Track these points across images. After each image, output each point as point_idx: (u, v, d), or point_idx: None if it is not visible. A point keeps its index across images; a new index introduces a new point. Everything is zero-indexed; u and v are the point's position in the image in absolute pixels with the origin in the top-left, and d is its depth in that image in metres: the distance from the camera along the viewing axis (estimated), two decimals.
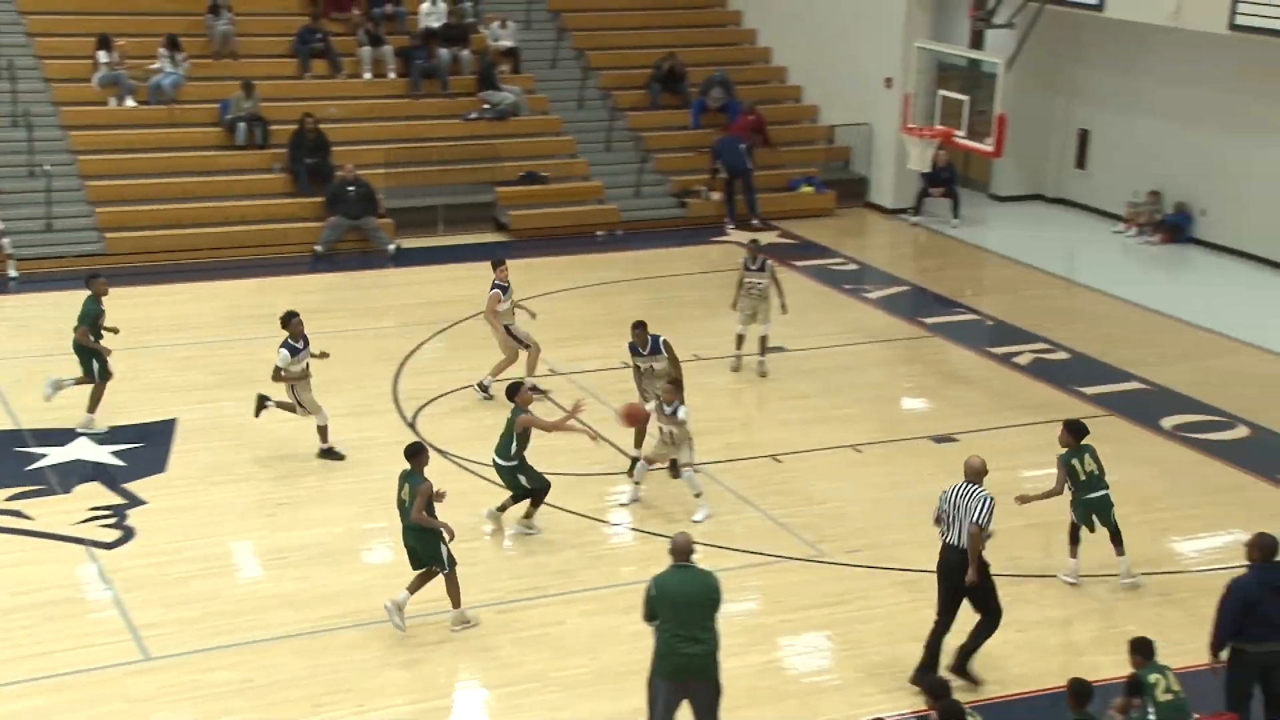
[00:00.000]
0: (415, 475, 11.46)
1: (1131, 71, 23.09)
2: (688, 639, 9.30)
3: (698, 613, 9.33)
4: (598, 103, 25.05)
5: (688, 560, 9.45)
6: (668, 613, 9.35)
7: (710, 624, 9.40)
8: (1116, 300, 19.85)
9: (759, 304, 16.69)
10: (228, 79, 23.06)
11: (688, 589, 9.35)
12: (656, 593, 9.39)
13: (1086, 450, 12.04)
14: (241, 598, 11.98)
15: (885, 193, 24.42)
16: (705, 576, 9.46)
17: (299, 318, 14.38)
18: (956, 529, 10.72)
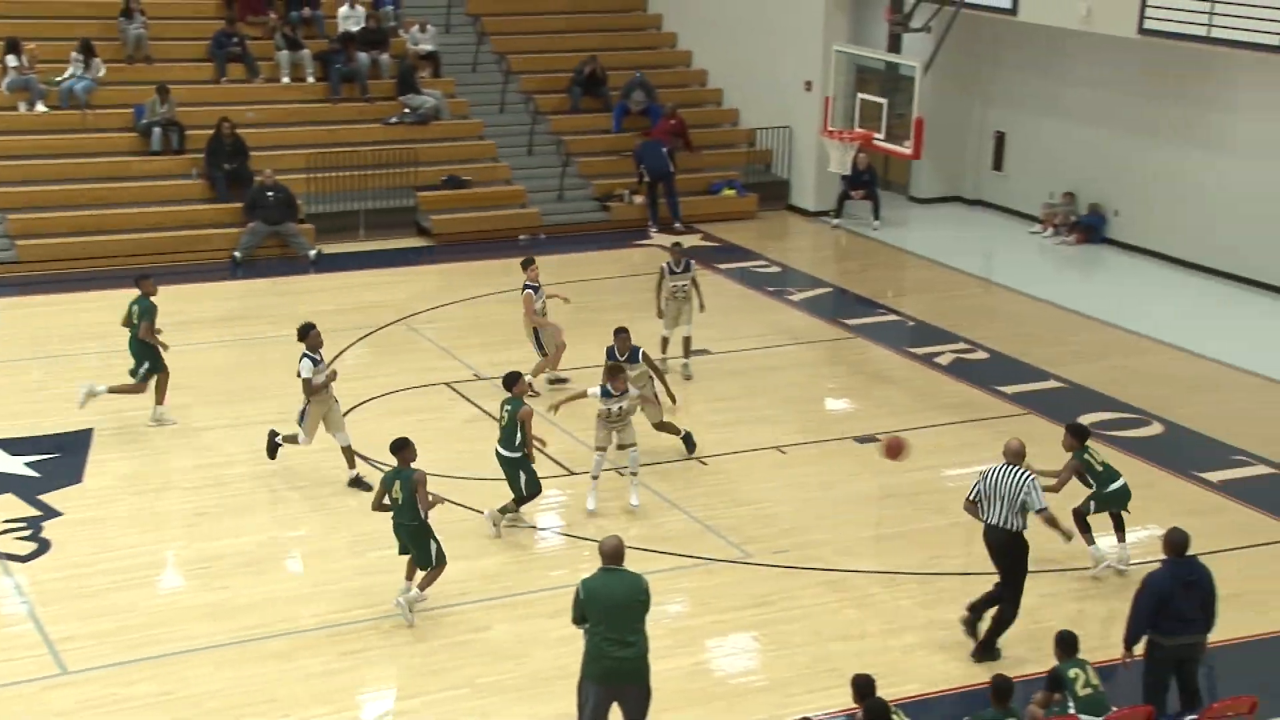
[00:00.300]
0: (405, 470, 11.42)
1: (1045, 75, 23.46)
2: (617, 642, 9.30)
3: (627, 615, 9.33)
4: (519, 106, 24.99)
5: (617, 563, 9.44)
6: (597, 616, 9.35)
7: (639, 627, 9.40)
8: (1033, 300, 20.15)
9: (683, 306, 16.74)
10: (142, 84, 22.72)
11: (616, 592, 9.35)
12: (585, 596, 9.38)
13: (1089, 450, 12.45)
14: (161, 609, 11.80)
15: (806, 195, 24.60)
16: (634, 579, 9.46)
17: (317, 328, 13.91)
18: (997, 509, 11.00)
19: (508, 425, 12.79)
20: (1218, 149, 20.84)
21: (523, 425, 12.70)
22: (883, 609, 11.98)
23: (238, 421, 15.43)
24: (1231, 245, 20.71)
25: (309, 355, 13.70)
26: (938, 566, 12.65)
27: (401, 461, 11.46)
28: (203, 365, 17.11)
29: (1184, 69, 20.73)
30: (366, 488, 13.48)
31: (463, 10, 26.46)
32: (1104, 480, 12.40)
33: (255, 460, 14.47)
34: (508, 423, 12.79)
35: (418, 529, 11.46)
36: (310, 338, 13.80)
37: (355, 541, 12.89)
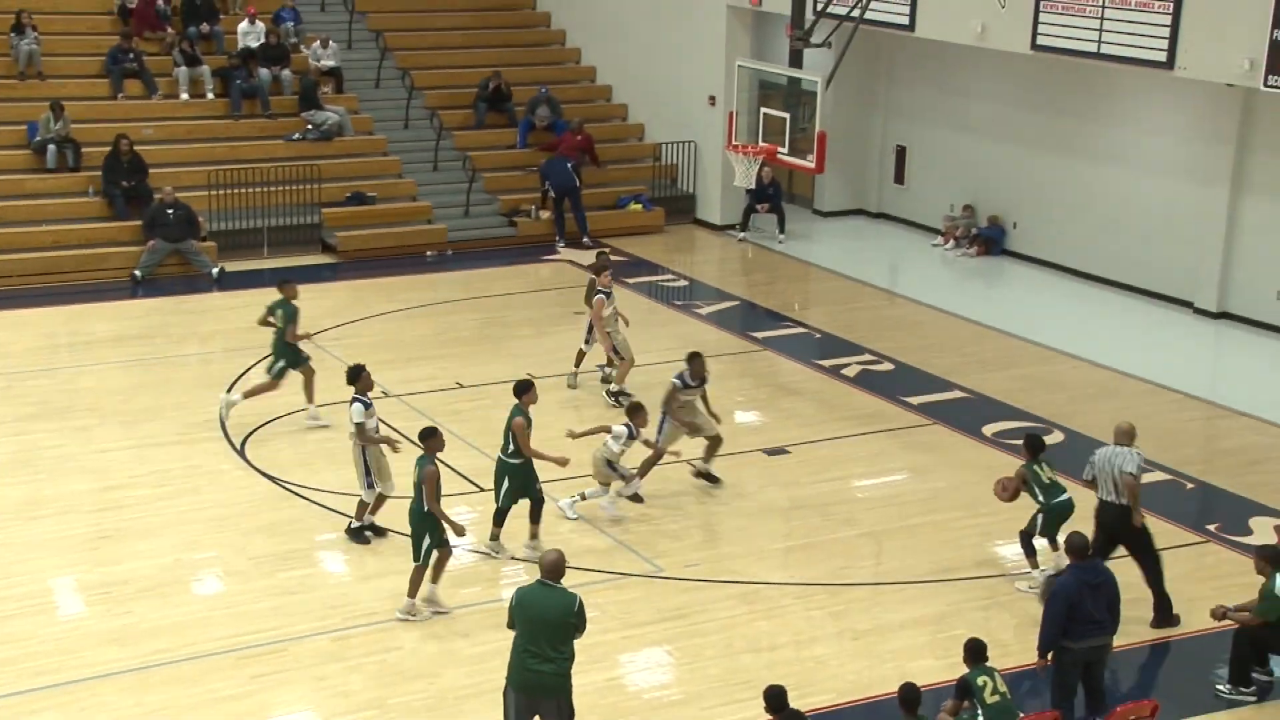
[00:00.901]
0: (421, 458, 11.64)
1: (944, 89, 23.86)
2: (538, 656, 9.32)
3: (550, 631, 9.34)
4: (423, 122, 24.88)
5: (554, 578, 9.45)
6: (522, 626, 9.39)
7: (564, 644, 9.40)
8: (937, 311, 20.45)
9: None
10: (35, 100, 22.29)
11: (544, 607, 9.37)
12: (515, 603, 9.45)
13: (1044, 462, 12.65)
14: (64, 635, 11.54)
15: (713, 209, 24.77)
16: (567, 597, 9.43)
17: (367, 371, 13.17)
18: (1109, 486, 11.89)
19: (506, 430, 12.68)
20: (1108, 162, 21.35)
21: (516, 434, 12.57)
22: (794, 620, 12.07)
23: (140, 442, 15.16)
24: (1123, 256, 21.21)
25: (359, 399, 12.89)
26: (847, 577, 12.77)
27: (427, 449, 11.71)
28: (103, 386, 16.81)
29: (1076, 84, 21.22)
30: (364, 541, 12.97)
31: (364, 26, 26.30)
32: (1050, 493, 12.53)
33: (158, 482, 14.24)
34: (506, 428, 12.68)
35: (421, 517, 11.64)
36: (361, 381, 13.01)
37: (261, 563, 12.70)
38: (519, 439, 12.59)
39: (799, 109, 18.33)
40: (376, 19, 26.44)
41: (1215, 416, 16.83)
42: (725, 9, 23.67)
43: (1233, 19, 16.57)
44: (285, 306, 15.51)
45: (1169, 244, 20.59)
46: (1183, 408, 16.99)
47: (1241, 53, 16.47)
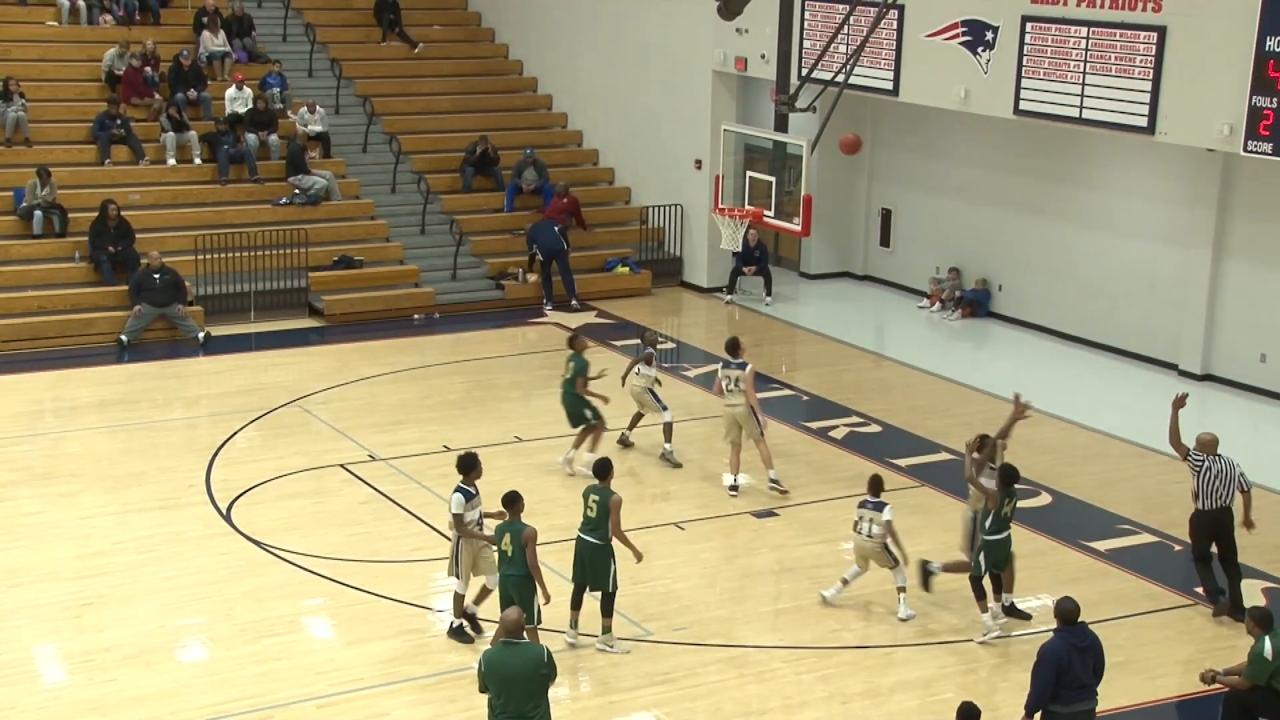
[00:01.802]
0: (516, 523, 11.55)
1: (928, 153, 24.07)
2: (515, 715, 9.30)
3: (523, 689, 9.34)
4: (411, 186, 24.99)
5: (517, 636, 9.43)
6: (495, 689, 9.36)
7: (540, 700, 9.40)
8: (923, 373, 20.49)
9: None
10: (22, 166, 22.34)
11: (514, 665, 9.34)
12: (485, 669, 9.41)
13: (1014, 495, 12.73)
14: (44, 705, 11.39)
15: (700, 272, 24.87)
16: (534, 651, 9.45)
17: (480, 463, 12.41)
18: (1225, 493, 13.07)
19: (598, 514, 12.22)
20: (1091, 225, 21.50)
21: (613, 512, 12.23)
22: (783, 684, 11.98)
23: (124, 508, 15.07)
24: (1108, 319, 21.31)
25: (463, 489, 12.20)
26: (837, 640, 12.70)
27: (513, 514, 11.61)
28: (87, 451, 16.73)
29: (1059, 148, 21.42)
30: (467, 640, 12.34)
31: (352, 91, 26.48)
32: (995, 528, 12.53)
33: (142, 548, 14.14)
34: (598, 512, 12.23)
35: (524, 581, 11.50)
36: (473, 472, 12.31)
37: (246, 629, 12.59)
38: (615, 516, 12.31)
39: (785, 172, 18.44)
40: (364, 84, 26.63)
41: None
42: (711, 74, 23.90)
43: (1212, 85, 16.78)
44: (577, 360, 16.21)
45: (1153, 307, 20.71)
46: (1168, 470, 16.96)
47: (1221, 118, 16.65)
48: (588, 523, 12.30)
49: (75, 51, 25.04)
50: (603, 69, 26.33)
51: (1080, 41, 18.17)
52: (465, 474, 12.29)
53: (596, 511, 12.23)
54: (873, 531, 13.00)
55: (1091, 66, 18.07)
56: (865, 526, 13.10)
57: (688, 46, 24.22)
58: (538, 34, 27.90)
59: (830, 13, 21.25)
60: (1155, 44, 17.32)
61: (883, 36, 20.34)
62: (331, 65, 26.73)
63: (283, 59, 26.32)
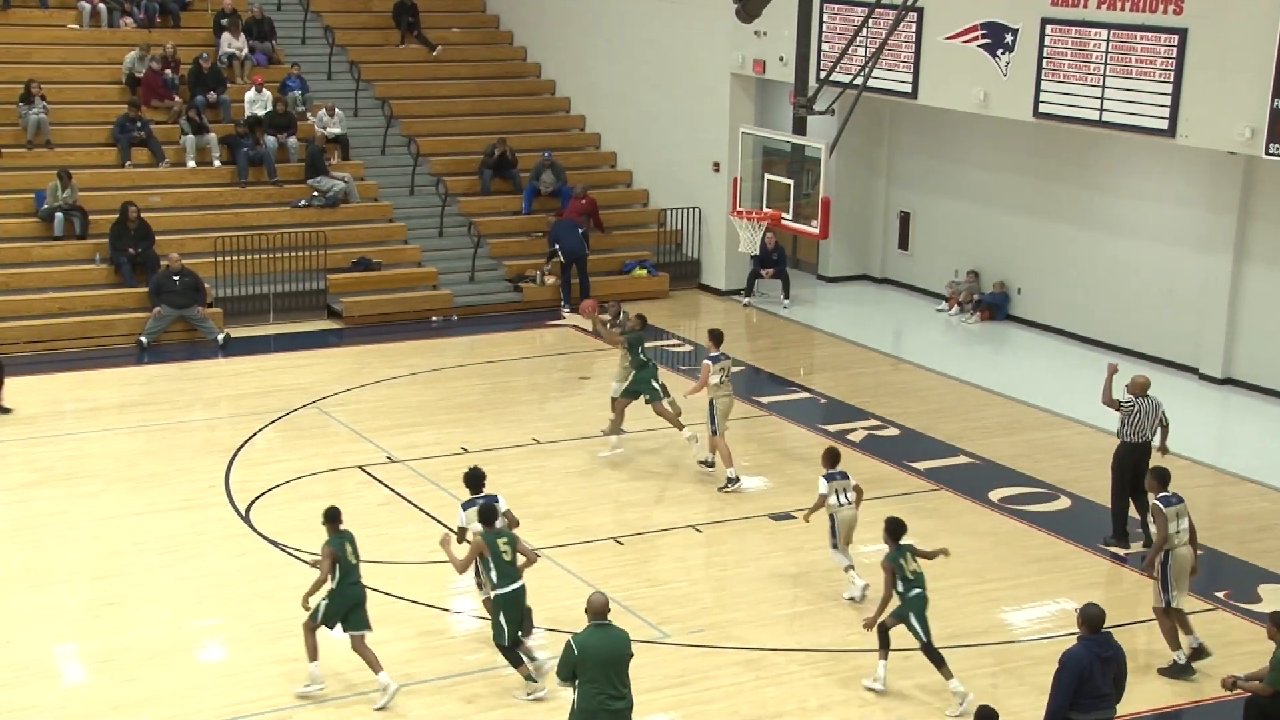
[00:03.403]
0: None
1: (947, 156, 24.02)
2: (615, 695, 9.55)
3: (620, 668, 9.63)
4: (429, 189, 25.03)
5: (605, 619, 9.64)
6: (594, 671, 9.52)
7: (628, 678, 9.69)
8: (941, 377, 20.44)
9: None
10: (43, 168, 22.45)
11: (610, 647, 9.60)
12: (580, 653, 9.53)
13: (907, 549, 11.76)
14: (65, 704, 11.44)
15: (717, 275, 24.86)
16: (621, 633, 9.76)
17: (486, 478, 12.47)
18: (1140, 429, 14.39)
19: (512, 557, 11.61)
20: (1111, 229, 21.43)
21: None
22: (800, 687, 11.97)
23: (145, 509, 15.13)
24: (1127, 322, 21.22)
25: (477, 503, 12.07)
26: (854, 643, 12.66)
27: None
28: (108, 452, 16.80)
29: (1078, 151, 21.35)
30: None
31: (371, 94, 26.54)
32: (910, 585, 11.64)
33: (162, 548, 14.19)
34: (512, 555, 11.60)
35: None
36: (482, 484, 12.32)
37: (264, 630, 12.63)
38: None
39: (803, 175, 18.40)
40: (383, 87, 26.69)
41: (1222, 483, 16.77)
42: (729, 76, 23.89)
43: (1234, 88, 16.71)
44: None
45: (1173, 310, 20.62)
46: (1189, 474, 16.91)
47: (1243, 121, 16.58)
48: (510, 566, 11.49)
49: (96, 54, 25.16)
50: (621, 72, 26.35)
51: (1100, 44, 18.11)
52: (473, 488, 12.23)
53: (511, 555, 11.56)
54: (850, 498, 13.35)
55: (1112, 69, 18.01)
56: (843, 496, 13.32)
57: (706, 49, 24.23)
58: (556, 37, 27.93)
59: (849, 15, 21.23)
60: (1176, 46, 17.25)
61: (902, 39, 20.31)
62: (350, 68, 26.80)
63: (302, 61, 26.40)
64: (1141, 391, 14.49)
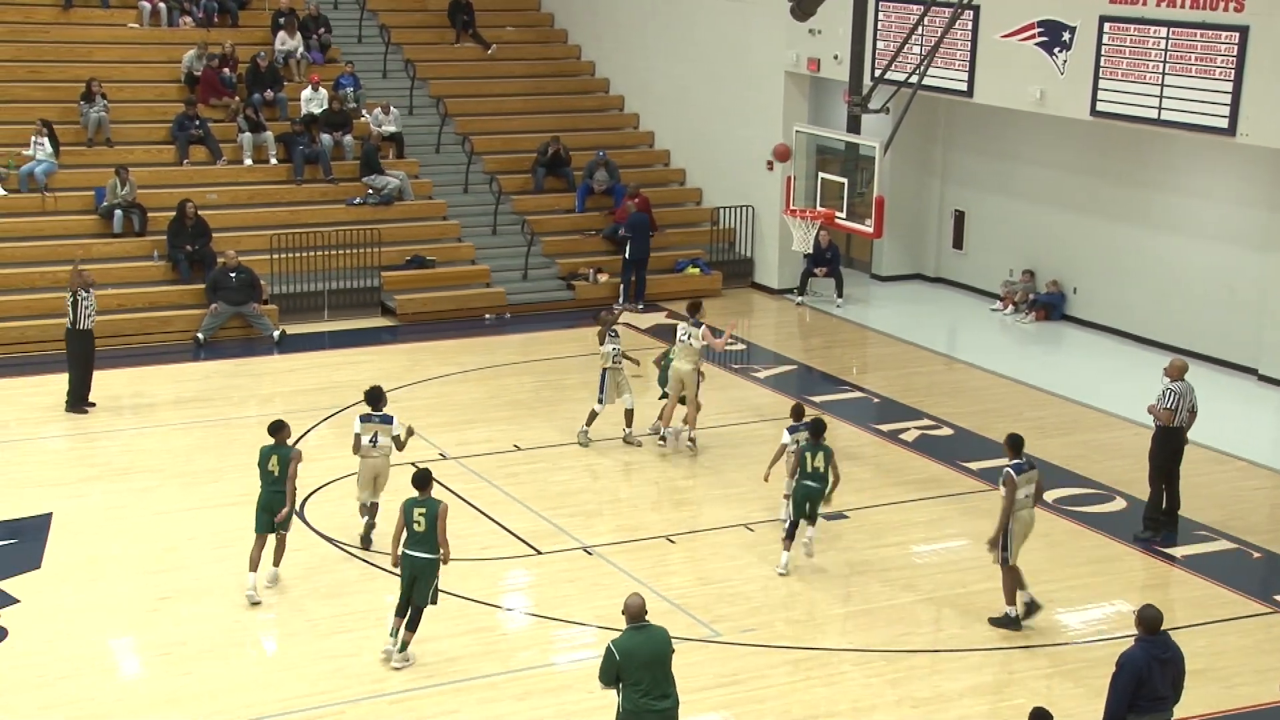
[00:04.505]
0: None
1: (1003, 155, 23.83)
2: (659, 695, 9.54)
3: (663, 668, 9.60)
4: (483, 187, 25.13)
5: (643, 620, 9.60)
6: (638, 674, 9.50)
7: (673, 677, 9.66)
8: (996, 376, 20.29)
9: (619, 376, 16.92)
10: (103, 166, 22.73)
11: (652, 648, 9.56)
12: (621, 657, 9.51)
13: (821, 448, 13.76)
14: (122, 697, 11.58)
15: (770, 273, 24.80)
16: (660, 632, 9.70)
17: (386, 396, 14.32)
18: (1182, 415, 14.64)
19: (426, 528, 11.83)
20: (1169, 228, 21.19)
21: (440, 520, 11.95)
22: (852, 687, 11.92)
23: (200, 504, 15.28)
24: (1185, 322, 20.97)
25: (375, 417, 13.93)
26: (906, 643, 12.61)
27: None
28: (164, 447, 16.98)
29: (1136, 150, 21.12)
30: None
31: (426, 92, 26.67)
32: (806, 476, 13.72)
33: (217, 543, 14.32)
34: (426, 526, 11.82)
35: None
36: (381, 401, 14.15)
37: (318, 625, 12.73)
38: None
39: (857, 174, 18.32)
40: (437, 85, 26.82)
41: None
42: (783, 74, 23.82)
43: None
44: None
45: (1231, 310, 20.35)
46: (1248, 476, 16.72)
47: None
48: (414, 536, 11.79)
49: (156, 53, 25.44)
50: (675, 70, 26.33)
51: (1160, 42, 17.91)
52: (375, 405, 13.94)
53: (425, 525, 11.78)
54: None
55: (1171, 67, 17.79)
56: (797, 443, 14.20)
57: (760, 47, 24.17)
58: (610, 35, 27.95)
59: (904, 13, 21.11)
60: (1237, 44, 17.02)
61: (957, 37, 20.17)
62: (405, 66, 26.95)
63: (357, 60, 26.58)
64: (1179, 375, 14.59)
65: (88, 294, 17.87)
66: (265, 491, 13.07)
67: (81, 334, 17.87)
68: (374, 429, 13.91)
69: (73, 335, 17.86)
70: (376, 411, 14.00)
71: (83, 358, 17.95)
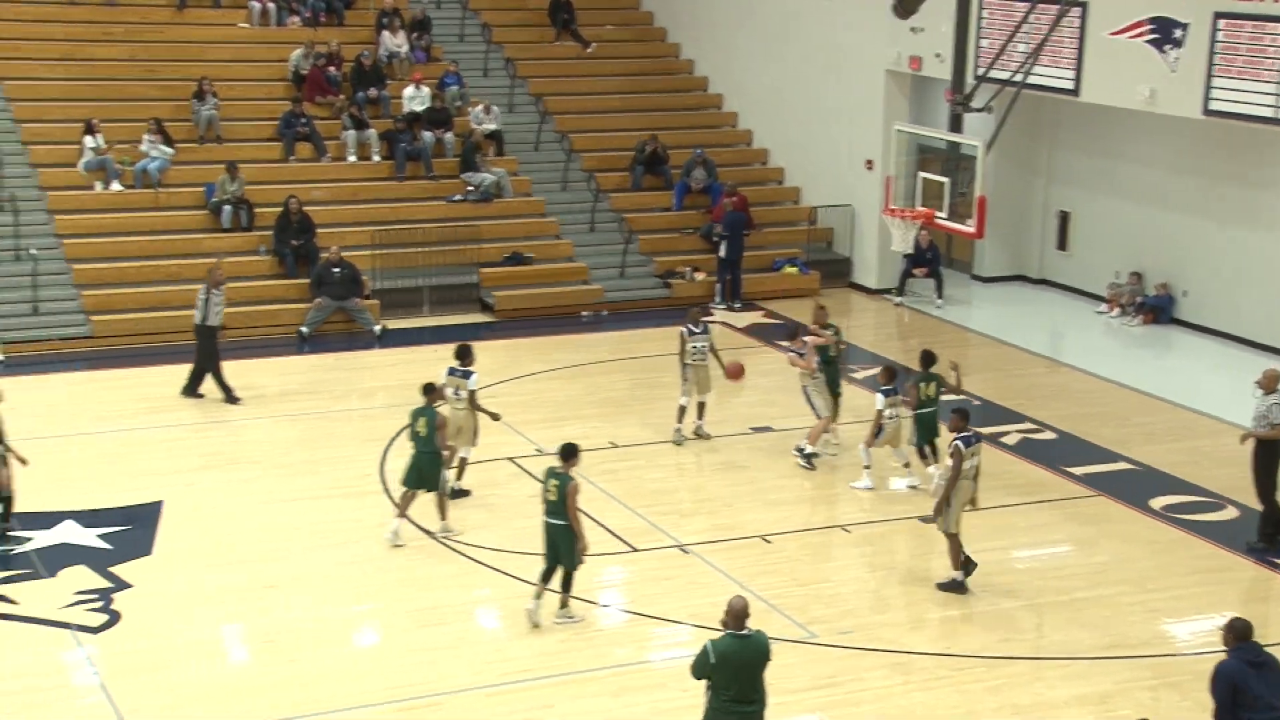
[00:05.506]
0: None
1: (1110, 154, 23.39)
2: (745, 700, 9.53)
3: (752, 677, 9.57)
4: (581, 184, 25.22)
5: (744, 625, 9.58)
6: (726, 679, 9.49)
7: (761, 684, 9.63)
8: (1101, 380, 19.93)
9: (702, 372, 16.84)
10: (213, 163, 23.16)
11: (746, 655, 9.53)
12: (716, 660, 9.50)
13: (933, 377, 15.20)
14: (226, 683, 11.78)
15: (869, 273, 24.60)
16: (759, 641, 9.64)
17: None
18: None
19: (558, 497, 12.46)
20: None
21: (570, 497, 12.43)
22: (950, 694, 11.77)
23: (304, 495, 15.51)
24: None
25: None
26: (1007, 650, 12.43)
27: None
28: (268, 439, 17.27)
29: (1247, 149, 20.61)
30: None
31: (526, 90, 26.83)
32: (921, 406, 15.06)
33: (319, 534, 14.53)
34: (558, 495, 12.47)
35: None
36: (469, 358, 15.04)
37: (417, 617, 12.85)
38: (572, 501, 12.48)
39: (958, 173, 18.13)
40: (537, 84, 26.97)
41: None
42: (883, 73, 23.62)
43: None
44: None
45: None
46: None
47: None
48: (549, 505, 12.52)
49: (264, 52, 25.86)
50: (774, 69, 26.21)
51: (1277, 38, 17.46)
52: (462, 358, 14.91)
53: (556, 494, 12.46)
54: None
55: None
56: (893, 411, 15.26)
57: (861, 45, 23.98)
58: (709, 34, 27.90)
59: (1009, 11, 20.80)
60: None
61: (1064, 35, 19.83)
62: (506, 65, 27.14)
63: (459, 59, 26.81)
64: (1273, 387, 14.37)
65: (218, 292, 18.22)
66: (415, 450, 14.02)
67: (204, 329, 18.23)
68: (456, 382, 14.92)
69: (198, 330, 18.24)
70: (461, 366, 14.98)
71: (201, 352, 18.30)
